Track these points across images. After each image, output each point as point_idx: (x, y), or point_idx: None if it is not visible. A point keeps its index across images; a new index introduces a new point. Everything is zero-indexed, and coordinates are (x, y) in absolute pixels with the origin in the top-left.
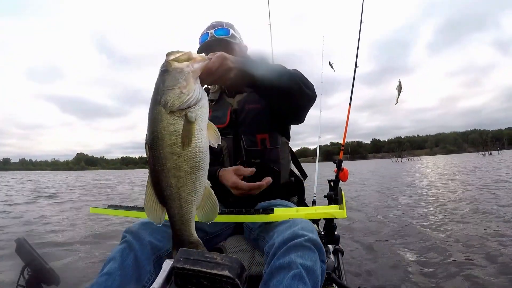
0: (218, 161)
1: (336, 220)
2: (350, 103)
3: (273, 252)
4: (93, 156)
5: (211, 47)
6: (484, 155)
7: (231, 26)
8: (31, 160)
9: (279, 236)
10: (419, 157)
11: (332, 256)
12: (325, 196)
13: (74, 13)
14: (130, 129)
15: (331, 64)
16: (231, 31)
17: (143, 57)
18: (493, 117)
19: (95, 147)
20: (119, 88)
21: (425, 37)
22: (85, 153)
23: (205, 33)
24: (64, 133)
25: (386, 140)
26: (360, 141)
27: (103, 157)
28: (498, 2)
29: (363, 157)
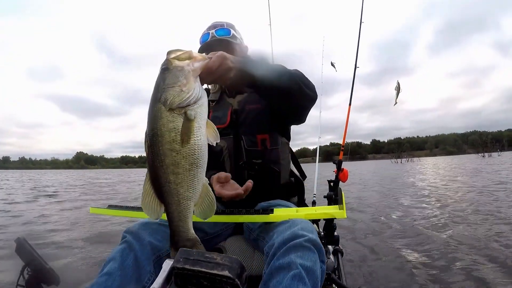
0: (219, 161)
1: (336, 221)
2: (350, 104)
3: (273, 252)
4: (92, 155)
5: (212, 47)
6: (483, 156)
7: (232, 26)
8: (30, 158)
9: (279, 237)
10: (418, 158)
11: (332, 257)
12: (325, 197)
13: (74, 13)
14: (130, 128)
15: (333, 64)
16: (232, 31)
17: (143, 57)
18: (493, 118)
19: (95, 146)
20: (119, 87)
21: (425, 38)
22: (85, 152)
23: (206, 33)
24: (64, 132)
25: (386, 141)
26: (360, 141)
27: (103, 156)
28: (498, 3)
29: (362, 157)
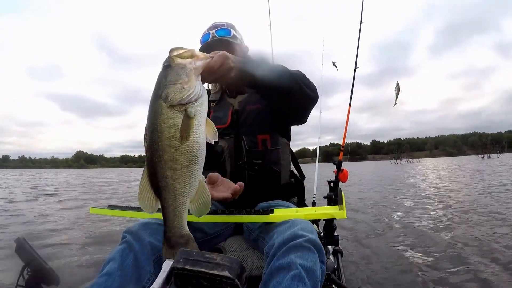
0: (220, 161)
1: (336, 221)
2: (350, 104)
3: (273, 252)
4: (92, 154)
5: (212, 47)
6: (483, 158)
7: (232, 26)
8: (30, 157)
9: (278, 237)
10: (418, 159)
11: (331, 257)
12: (325, 197)
13: (74, 12)
14: (129, 128)
15: (334, 64)
16: (233, 31)
17: (143, 57)
18: (493, 120)
19: (94, 145)
20: (119, 87)
21: (425, 39)
22: (85, 151)
23: (206, 33)
24: (64, 131)
25: (386, 142)
26: (360, 142)
27: (103, 155)
28: (499, 5)
29: (362, 158)
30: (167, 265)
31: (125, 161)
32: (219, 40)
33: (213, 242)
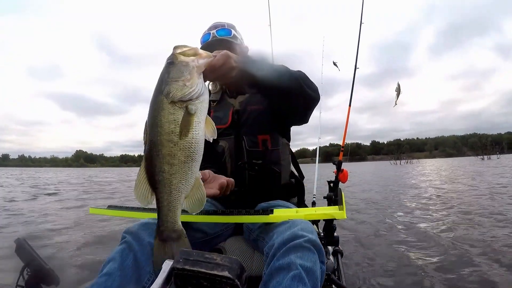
0: (220, 161)
1: (335, 222)
2: (350, 105)
3: (273, 253)
4: (92, 154)
5: (212, 47)
6: (483, 159)
7: (232, 27)
8: (30, 156)
9: (278, 237)
10: (417, 160)
11: (331, 257)
12: (324, 197)
13: (74, 12)
14: (129, 127)
15: (335, 63)
16: (233, 31)
17: (143, 57)
18: (493, 121)
19: (94, 144)
20: (119, 86)
21: (426, 39)
22: (84, 150)
23: (207, 33)
24: (64, 130)
25: (386, 143)
26: (360, 142)
27: (102, 154)
28: (500, 6)
29: (362, 158)
30: (167, 265)
31: (125, 161)
32: (219, 40)
33: (213, 243)
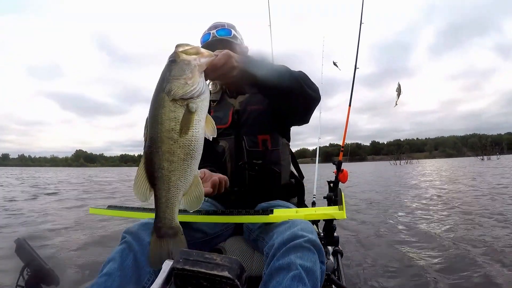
0: (221, 161)
1: (335, 222)
2: (350, 105)
3: (273, 253)
4: (92, 153)
5: (212, 47)
6: (482, 159)
7: (232, 27)
8: (30, 156)
9: (278, 237)
10: (417, 160)
11: (331, 258)
12: (324, 197)
13: (74, 12)
14: (129, 127)
15: (335, 63)
16: (233, 31)
17: (143, 56)
18: (493, 121)
19: (94, 144)
20: (119, 86)
21: (426, 39)
22: (84, 150)
23: (207, 33)
24: (64, 130)
25: (386, 143)
26: (360, 143)
27: (102, 154)
28: (500, 6)
29: (361, 159)
30: (167, 265)
31: (124, 160)
32: (219, 40)
33: (213, 243)
